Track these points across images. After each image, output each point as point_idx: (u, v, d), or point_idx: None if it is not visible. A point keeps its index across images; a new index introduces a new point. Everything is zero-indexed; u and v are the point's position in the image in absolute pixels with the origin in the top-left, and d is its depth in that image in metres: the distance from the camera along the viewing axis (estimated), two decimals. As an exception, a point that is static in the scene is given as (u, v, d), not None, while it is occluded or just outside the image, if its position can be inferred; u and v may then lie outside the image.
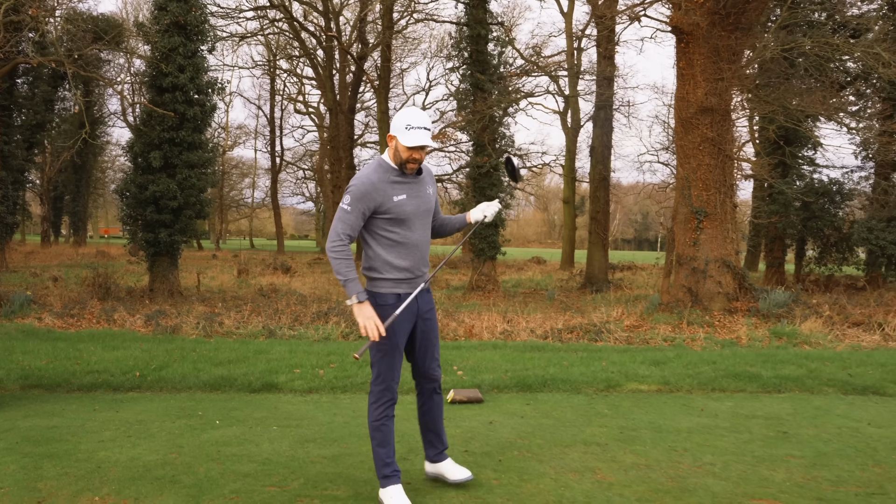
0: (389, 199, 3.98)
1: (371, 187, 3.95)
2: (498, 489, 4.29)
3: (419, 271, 4.14)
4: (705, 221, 14.14)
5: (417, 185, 4.11)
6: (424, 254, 4.17)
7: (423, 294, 4.19)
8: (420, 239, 4.12)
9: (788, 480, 4.48)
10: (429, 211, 4.18)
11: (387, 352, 4.05)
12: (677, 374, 7.60)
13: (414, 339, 4.21)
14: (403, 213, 4.03)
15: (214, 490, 4.21)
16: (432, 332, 4.26)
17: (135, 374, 7.32)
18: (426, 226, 4.18)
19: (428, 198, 4.17)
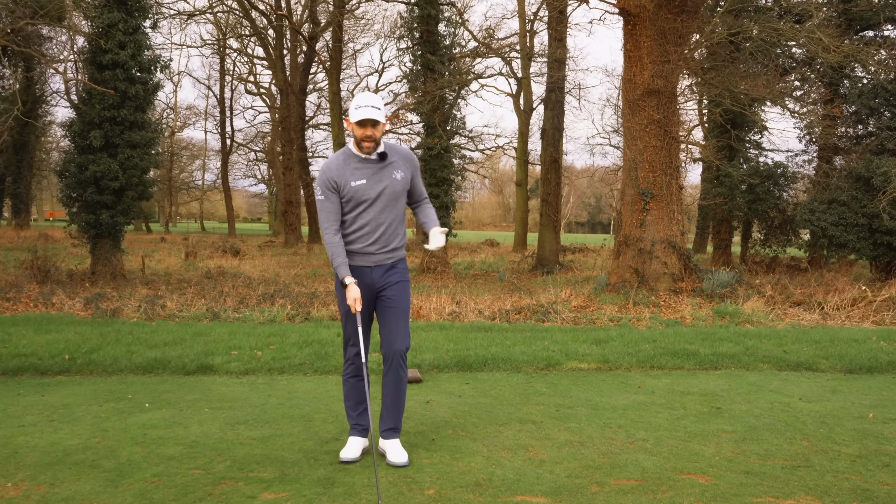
0: (347, 183, 4.24)
1: (330, 172, 4.26)
2: (428, 468, 4.24)
3: (378, 250, 4.36)
4: (651, 203, 14.24)
5: (382, 170, 4.31)
6: (388, 236, 4.37)
7: (383, 270, 4.40)
8: (381, 222, 4.32)
9: (718, 455, 4.51)
10: (395, 195, 4.34)
11: (343, 314, 4.43)
12: (617, 352, 7.63)
13: (378, 311, 4.47)
14: (361, 198, 4.26)
15: (135, 474, 4.08)
16: (391, 309, 4.42)
17: (64, 357, 7.10)
18: (392, 208, 4.35)
19: (394, 182, 4.33)
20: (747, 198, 23.68)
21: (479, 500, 3.75)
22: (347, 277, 4.23)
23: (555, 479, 4.04)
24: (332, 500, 3.74)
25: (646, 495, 3.83)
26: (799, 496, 3.85)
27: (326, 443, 4.71)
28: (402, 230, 4.44)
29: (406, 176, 4.39)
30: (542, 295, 13.82)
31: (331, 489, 3.89)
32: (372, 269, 4.36)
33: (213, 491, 3.83)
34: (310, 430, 5.00)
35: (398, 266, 4.46)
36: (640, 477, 4.10)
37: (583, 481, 4.03)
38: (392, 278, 4.41)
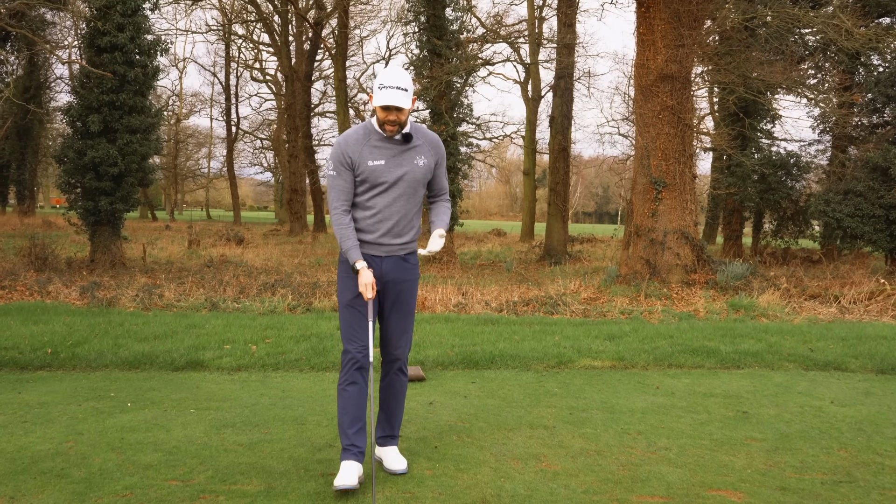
0: (364, 161, 3.78)
1: (346, 146, 3.79)
2: (430, 480, 3.83)
3: (389, 241, 3.89)
4: (664, 192, 13.80)
5: (404, 153, 3.84)
6: (402, 226, 3.89)
7: (395, 262, 3.93)
8: (396, 210, 3.86)
9: (749, 467, 4.09)
10: (415, 182, 3.87)
11: (343, 307, 3.90)
12: (632, 349, 7.21)
13: (383, 308, 3.99)
14: (377, 180, 3.80)
15: (106, 485, 3.69)
16: (399, 305, 3.98)
17: (46, 351, 6.71)
18: (410, 197, 3.88)
19: (415, 168, 3.86)
20: (759, 188, 23.21)
21: (487, 520, 3.35)
22: (359, 262, 3.75)
23: (570, 495, 3.64)
24: (322, 519, 3.35)
25: (673, 516, 3.43)
26: (845, 518, 3.44)
27: (319, 450, 4.30)
28: (417, 222, 3.96)
29: (429, 164, 3.90)
30: (551, 286, 13.41)
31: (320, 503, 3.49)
32: (383, 259, 3.88)
33: (189, 507, 3.44)
34: (302, 434, 4.59)
35: (410, 260, 3.98)
36: (664, 493, 3.69)
37: (602, 497, 3.62)
38: (404, 274, 3.94)
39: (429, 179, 3.95)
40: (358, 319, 3.83)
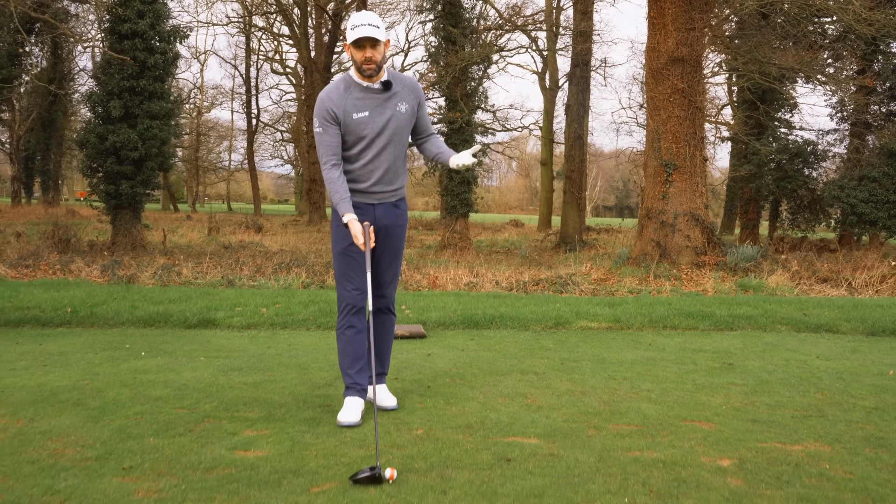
0: (349, 115, 3.85)
1: (329, 102, 3.84)
2: (420, 411, 4.08)
3: (381, 189, 4.03)
4: (675, 174, 13.94)
5: (386, 102, 3.92)
6: (391, 174, 4.04)
7: (386, 208, 4.09)
8: (385, 158, 3.98)
9: (725, 405, 4.30)
10: (400, 129, 3.98)
11: (337, 254, 4.03)
12: (630, 313, 7.41)
13: (374, 252, 4.09)
14: (363, 132, 3.89)
15: (118, 411, 3.97)
16: (390, 249, 4.14)
17: (66, 310, 7.04)
18: (396, 144, 3.99)
19: (398, 115, 3.95)
20: (776, 176, 23.21)
21: (469, 440, 3.59)
22: (347, 214, 3.83)
23: (550, 424, 3.87)
24: (316, 437, 3.60)
25: (644, 439, 3.65)
26: (807, 442, 3.64)
27: (319, 388, 4.57)
28: (404, 168, 4.12)
29: (411, 107, 3.99)
30: (562, 268, 13.60)
31: (315, 428, 3.75)
32: (375, 206, 4.02)
33: (194, 427, 3.71)
34: (304, 376, 4.86)
35: (400, 206, 4.15)
36: (640, 423, 3.92)
37: (580, 426, 3.85)
38: (396, 220, 4.10)
39: (413, 124, 4.08)
40: (353, 265, 3.98)
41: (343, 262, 4.02)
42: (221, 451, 3.37)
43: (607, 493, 2.95)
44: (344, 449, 3.44)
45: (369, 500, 2.84)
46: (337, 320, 4.10)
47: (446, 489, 2.96)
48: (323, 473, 3.12)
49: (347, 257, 3.99)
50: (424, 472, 3.16)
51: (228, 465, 3.20)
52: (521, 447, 3.49)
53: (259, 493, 2.90)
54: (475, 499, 2.87)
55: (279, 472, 3.12)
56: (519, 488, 2.98)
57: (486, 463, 3.27)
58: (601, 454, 3.41)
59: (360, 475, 3.00)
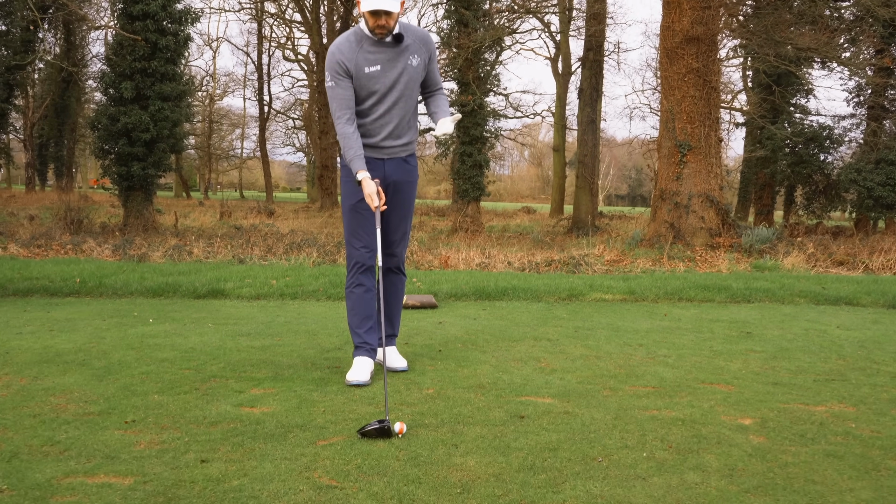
0: (361, 70, 3.74)
1: (340, 55, 3.72)
2: (431, 372, 3.99)
3: (391, 144, 3.92)
4: (689, 155, 13.76)
5: (397, 56, 3.80)
6: (402, 128, 3.93)
7: (396, 163, 3.98)
8: (396, 113, 3.87)
9: (745, 369, 4.19)
10: (411, 83, 3.87)
11: (347, 210, 3.92)
12: (644, 286, 7.29)
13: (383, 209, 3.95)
14: (374, 86, 3.78)
15: (123, 371, 3.89)
16: (399, 206, 4.03)
17: (75, 280, 6.98)
18: (408, 98, 3.89)
19: (410, 69, 3.84)
20: (790, 161, 22.95)
21: (481, 398, 3.49)
22: (361, 171, 3.70)
23: (565, 385, 3.77)
24: (324, 395, 3.51)
25: (661, 399, 3.54)
26: (831, 403, 3.52)
27: (327, 351, 4.48)
28: (415, 122, 4.01)
29: (423, 61, 3.87)
30: (575, 250, 13.48)
31: (324, 387, 3.66)
32: (385, 161, 3.91)
33: (199, 386, 3.63)
34: (313, 341, 4.77)
35: (410, 161, 4.03)
36: (657, 385, 3.81)
37: (595, 387, 3.74)
38: (406, 175, 3.99)
39: (423, 78, 3.96)
40: (362, 222, 3.88)
41: (352, 219, 3.92)
42: (227, 407, 3.29)
43: (624, 447, 2.85)
44: (352, 406, 3.35)
45: (377, 453, 2.75)
46: (346, 279, 4.00)
47: (457, 443, 2.87)
48: (330, 428, 3.03)
49: (357, 214, 3.89)
50: (435, 427, 3.06)
51: (233, 419, 3.11)
52: (534, 405, 3.39)
53: (264, 445, 2.81)
54: (487, 452, 2.77)
55: (285, 426, 3.04)
56: (532, 443, 2.88)
57: (499, 419, 3.17)
58: (617, 412, 3.30)
59: (369, 428, 2.91)
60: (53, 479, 2.46)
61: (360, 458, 2.68)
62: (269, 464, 2.61)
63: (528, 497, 2.37)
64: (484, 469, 2.60)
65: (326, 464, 2.63)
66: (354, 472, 2.55)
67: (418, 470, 2.58)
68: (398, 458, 2.69)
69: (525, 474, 2.56)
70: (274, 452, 2.73)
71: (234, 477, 2.49)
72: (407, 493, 2.38)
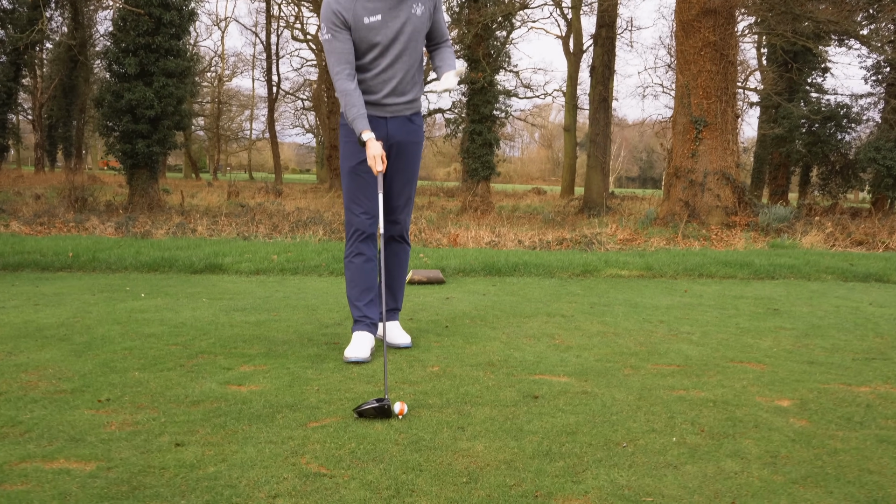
0: (360, 20, 3.42)
1: (336, 5, 3.39)
2: (437, 349, 3.69)
3: (394, 101, 3.59)
4: (705, 131, 13.37)
5: (399, 4, 3.47)
6: (406, 84, 3.59)
7: (400, 122, 3.65)
8: (399, 67, 3.54)
9: (776, 347, 3.87)
10: (415, 34, 3.54)
11: (346, 173, 3.62)
12: (662, 262, 6.97)
13: (386, 172, 3.66)
14: (375, 38, 3.45)
15: (104, 347, 3.61)
16: (403, 169, 3.71)
17: (67, 254, 6.70)
18: (412, 51, 3.56)
19: (413, 18, 3.52)
20: (807, 140, 22.48)
21: (490, 377, 3.19)
22: (366, 132, 3.38)
23: (581, 363, 3.46)
24: (319, 373, 3.22)
25: (688, 378, 3.23)
26: (875, 384, 3.21)
27: (326, 326, 4.19)
28: (420, 77, 3.68)
29: (427, 10, 3.57)
30: (587, 228, 13.15)
31: (320, 364, 3.37)
32: (388, 120, 3.60)
33: (185, 363, 3.34)
34: (311, 316, 4.48)
35: (415, 121, 3.71)
36: (681, 363, 3.50)
37: (614, 365, 3.44)
38: (410, 136, 3.67)
39: (428, 29, 3.64)
40: (363, 186, 3.57)
41: (352, 183, 3.60)
42: (212, 385, 3.00)
43: (651, 431, 2.55)
44: (349, 384, 3.06)
45: (374, 437, 2.45)
46: (345, 248, 3.68)
47: (464, 425, 2.57)
48: (324, 408, 2.74)
49: (357, 177, 3.58)
50: (440, 407, 2.77)
51: (218, 398, 2.82)
52: (549, 385, 3.09)
53: (249, 426, 2.52)
54: (497, 436, 2.47)
55: (274, 406, 2.75)
56: (548, 426, 2.58)
57: (511, 400, 2.87)
58: (641, 393, 3.00)
59: (366, 407, 2.62)
60: (6, 465, 2.17)
61: (354, 442, 2.39)
62: (251, 448, 2.33)
63: (545, 487, 2.07)
64: (493, 455, 2.30)
65: (316, 448, 2.34)
66: (347, 458, 2.26)
67: (419, 456, 2.29)
68: (397, 443, 2.40)
69: (540, 461, 2.26)
70: (258, 435, 2.44)
71: (210, 462, 2.21)
72: (405, 483, 2.09)
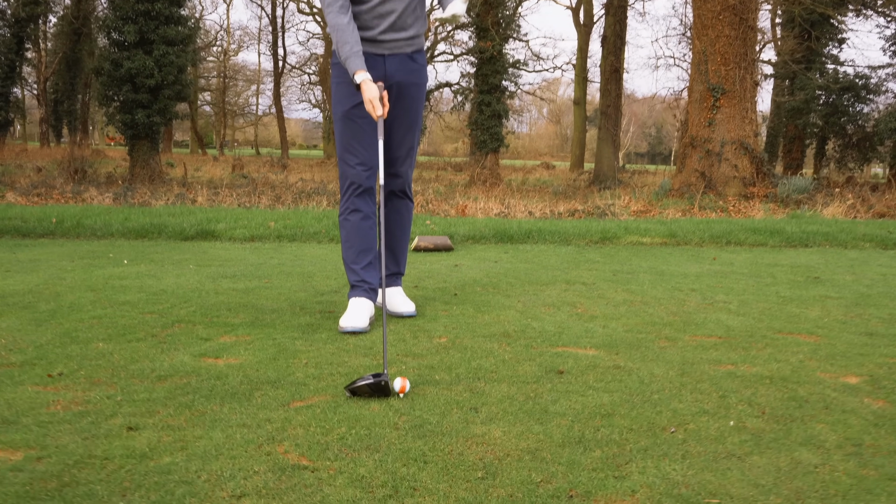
0: None
1: None
2: (444, 318, 3.27)
3: (392, 37, 3.17)
4: (722, 99, 12.85)
5: None
6: (406, 17, 3.16)
7: (400, 61, 3.22)
8: (396, 4, 3.11)
9: (826, 317, 3.44)
10: None
11: (339, 118, 3.20)
12: (686, 229, 6.52)
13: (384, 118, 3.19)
14: None
15: (71, 315, 3.20)
16: (404, 114, 3.25)
17: (51, 220, 6.29)
18: None
19: None
20: (824, 112, 21.86)
21: (506, 350, 2.77)
22: (360, 72, 2.95)
23: (609, 334, 3.04)
24: (310, 344, 2.81)
25: (734, 352, 2.80)
26: (950, 358, 2.78)
27: (322, 294, 3.78)
28: (422, 11, 3.23)
29: None
30: (599, 200, 12.69)
31: (311, 335, 2.95)
32: (386, 58, 3.17)
33: (158, 333, 2.93)
34: (306, 283, 4.07)
35: (418, 59, 3.27)
36: (723, 335, 3.07)
37: (647, 336, 3.02)
38: (411, 76, 3.23)
39: None
40: (358, 133, 3.12)
41: (346, 129, 3.15)
42: (185, 357, 2.59)
43: (702, 413, 2.13)
44: (343, 357, 2.64)
45: (369, 418, 2.04)
46: (339, 205, 3.23)
47: (478, 406, 2.16)
48: (311, 385, 2.33)
49: (351, 123, 3.13)
50: (448, 384, 2.35)
51: (189, 373, 2.41)
52: (574, 358, 2.67)
53: (219, 406, 2.11)
54: (518, 418, 2.06)
55: (253, 382, 2.34)
56: (578, 406, 2.17)
57: (531, 375, 2.46)
58: (682, 367, 2.58)
59: (360, 383, 2.20)
60: (-86, 453, 1.77)
61: (344, 427, 1.98)
62: (219, 433, 1.91)
63: (580, 484, 1.66)
64: (514, 442, 1.89)
65: (298, 433, 1.92)
66: (335, 446, 1.85)
67: (423, 443, 1.87)
68: (397, 427, 1.99)
69: (572, 450, 1.84)
70: (230, 417, 2.03)
71: (165, 451, 1.79)
72: (406, 478, 1.67)
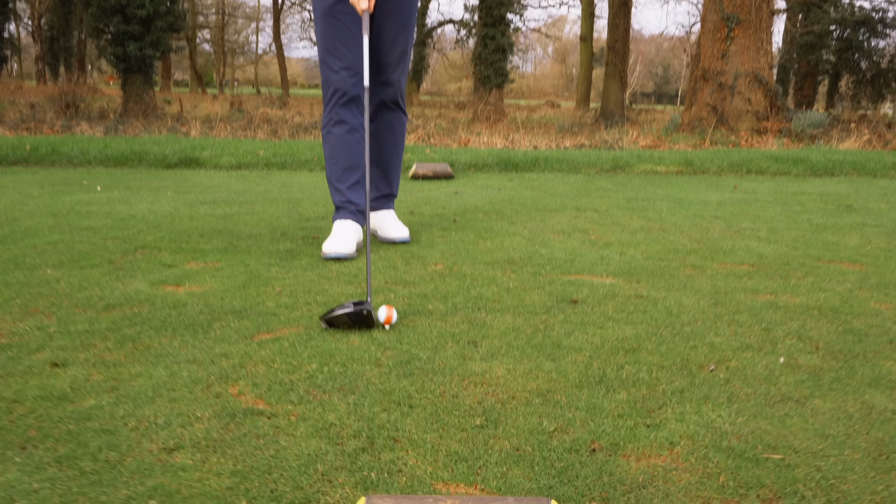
0: None
1: None
2: (441, 245, 2.91)
3: None
4: (737, 30, 12.26)
5: None
6: None
7: None
8: None
9: (867, 245, 3.08)
10: None
11: (320, 16, 2.77)
12: (702, 157, 6.11)
13: (372, 18, 2.83)
14: None
15: (23, 241, 2.85)
16: (395, 12, 2.83)
17: (25, 147, 5.91)
18: None
19: None
20: (838, 47, 21.20)
21: (511, 277, 2.43)
22: None
23: (627, 261, 2.69)
24: (286, 271, 2.46)
25: (772, 280, 2.45)
26: None
27: (308, 220, 3.42)
28: None
29: None
30: (607, 135, 12.24)
31: (289, 261, 2.60)
32: None
33: (117, 259, 2.58)
34: (292, 209, 3.70)
35: None
36: (756, 262, 2.72)
37: (671, 263, 2.67)
38: None
39: None
40: (343, 33, 2.72)
41: (328, 29, 2.73)
42: (141, 285, 2.25)
43: (745, 348, 1.79)
44: (323, 285, 2.30)
45: (346, 353, 1.70)
46: (323, 116, 2.84)
47: (477, 339, 1.82)
48: (282, 315, 1.98)
49: (334, 21, 2.72)
50: (443, 315, 2.01)
51: (142, 302, 2.07)
52: (590, 286, 2.32)
53: (170, 339, 1.77)
54: (526, 354, 1.72)
55: (214, 312, 1.99)
56: (597, 340, 1.82)
57: (540, 305, 2.11)
58: (715, 297, 2.23)
59: (339, 312, 1.85)
60: None
61: (315, 363, 1.64)
62: (161, 370, 1.58)
63: (605, 434, 1.32)
64: (521, 383, 1.55)
65: (258, 371, 1.59)
66: (301, 386, 1.51)
67: (410, 383, 1.54)
68: (379, 364, 1.65)
69: (591, 392, 1.50)
70: (179, 351, 1.69)
71: (91, 392, 1.46)
72: (385, 425, 1.34)
